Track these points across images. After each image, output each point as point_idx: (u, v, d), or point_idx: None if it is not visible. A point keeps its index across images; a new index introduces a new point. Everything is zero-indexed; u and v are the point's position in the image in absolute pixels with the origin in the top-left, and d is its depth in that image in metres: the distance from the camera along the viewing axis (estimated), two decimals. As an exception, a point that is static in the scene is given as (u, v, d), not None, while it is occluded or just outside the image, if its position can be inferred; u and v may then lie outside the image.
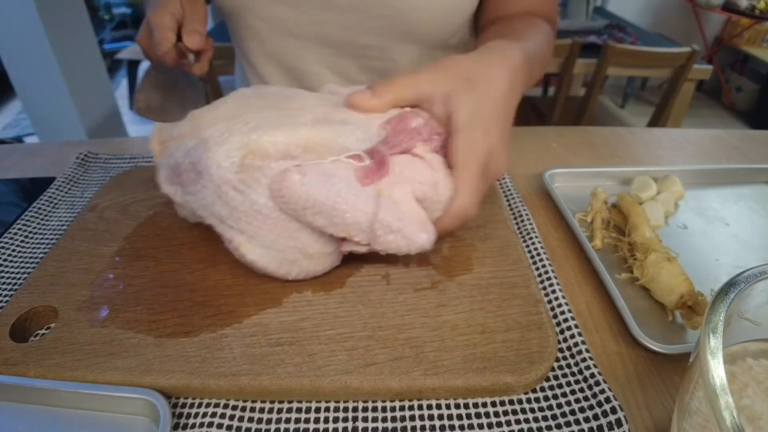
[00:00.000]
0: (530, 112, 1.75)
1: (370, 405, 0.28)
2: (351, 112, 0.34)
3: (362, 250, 0.33)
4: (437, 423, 0.27)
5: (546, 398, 0.28)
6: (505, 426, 0.27)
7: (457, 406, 0.28)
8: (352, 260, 0.36)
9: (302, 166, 0.31)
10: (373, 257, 0.36)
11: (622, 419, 0.26)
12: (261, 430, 0.27)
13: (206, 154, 0.31)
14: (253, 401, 0.28)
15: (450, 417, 0.27)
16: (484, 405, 0.28)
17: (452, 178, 0.34)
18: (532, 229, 0.40)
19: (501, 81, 0.35)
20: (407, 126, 0.34)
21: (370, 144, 0.33)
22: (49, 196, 0.45)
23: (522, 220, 0.42)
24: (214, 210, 0.32)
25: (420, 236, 0.32)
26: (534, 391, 0.29)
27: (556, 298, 0.34)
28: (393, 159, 0.33)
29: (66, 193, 0.46)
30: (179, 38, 0.40)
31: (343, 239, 0.33)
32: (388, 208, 0.31)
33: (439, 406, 0.28)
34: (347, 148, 0.33)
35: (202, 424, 0.26)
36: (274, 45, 0.53)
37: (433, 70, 0.35)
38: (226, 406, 0.27)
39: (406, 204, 0.32)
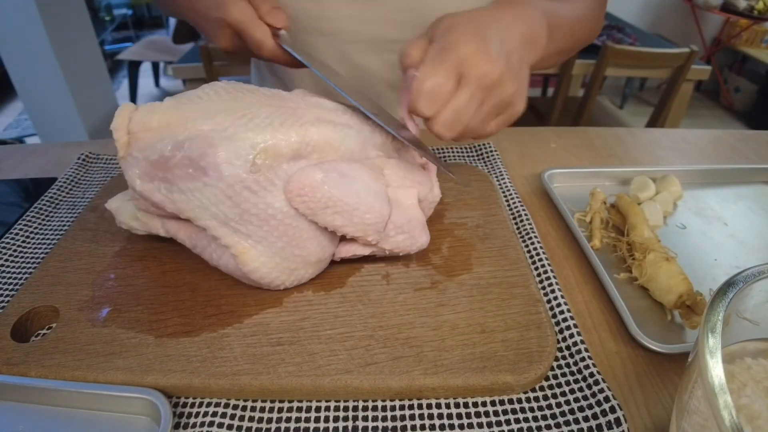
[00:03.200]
0: (529, 113, 1.75)
1: (370, 404, 0.28)
2: (349, 115, 0.35)
3: (365, 252, 0.34)
4: (437, 422, 0.27)
5: (545, 397, 0.28)
6: (504, 425, 0.27)
7: (457, 405, 0.28)
8: (351, 260, 0.36)
9: (322, 164, 0.31)
10: (373, 256, 0.36)
11: (621, 418, 0.26)
12: (261, 429, 0.27)
13: (212, 150, 0.29)
14: (253, 400, 0.28)
15: (449, 416, 0.27)
16: (484, 404, 0.28)
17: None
18: (531, 229, 0.40)
19: (504, 20, 0.35)
20: None
21: (370, 148, 0.35)
22: (51, 197, 0.45)
23: (521, 220, 0.42)
24: (218, 211, 0.30)
25: (423, 237, 0.35)
26: (533, 390, 0.29)
27: (555, 298, 0.34)
28: (395, 164, 0.35)
29: (67, 193, 0.46)
30: None
31: (348, 241, 0.34)
32: (399, 211, 0.33)
33: (438, 406, 0.28)
34: (353, 150, 0.33)
35: (203, 423, 0.26)
36: (301, 44, 0.52)
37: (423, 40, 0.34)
38: (227, 406, 0.27)
39: (412, 207, 0.34)
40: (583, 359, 0.29)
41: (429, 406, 0.28)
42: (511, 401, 0.28)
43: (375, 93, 0.55)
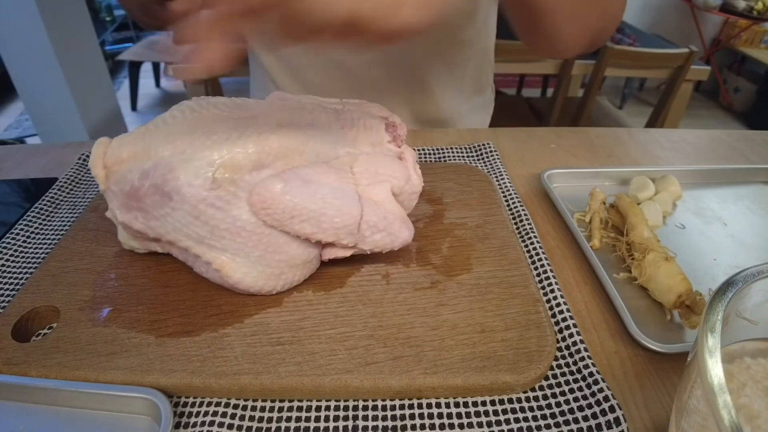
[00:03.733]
0: (529, 113, 1.75)
1: (370, 404, 0.28)
2: (315, 114, 0.34)
3: (347, 254, 0.33)
4: (437, 422, 0.27)
5: (545, 397, 0.28)
6: (504, 425, 0.27)
7: (457, 405, 0.28)
8: (351, 260, 0.36)
9: (282, 174, 0.30)
10: (372, 257, 0.36)
11: (621, 418, 0.26)
12: (262, 428, 0.27)
13: (172, 174, 0.29)
14: (254, 400, 0.28)
15: (449, 416, 0.27)
16: (483, 404, 0.28)
17: None
18: (531, 229, 0.41)
19: None
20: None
21: (340, 147, 0.34)
22: (51, 197, 0.45)
23: (521, 220, 0.42)
24: (191, 231, 0.30)
25: (404, 232, 0.34)
26: (533, 390, 0.29)
27: (555, 298, 0.34)
28: (365, 160, 0.34)
29: (68, 193, 0.46)
30: None
31: (328, 244, 0.33)
32: (371, 209, 0.32)
33: (438, 405, 0.28)
34: (318, 152, 0.33)
35: (203, 423, 0.26)
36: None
37: None
38: (227, 405, 0.28)
39: (387, 202, 0.33)
40: (582, 359, 0.29)
41: (429, 406, 0.28)
42: (510, 401, 0.28)
43: (356, 90, 0.56)
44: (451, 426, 0.27)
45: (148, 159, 0.31)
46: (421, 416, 0.27)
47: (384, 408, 0.28)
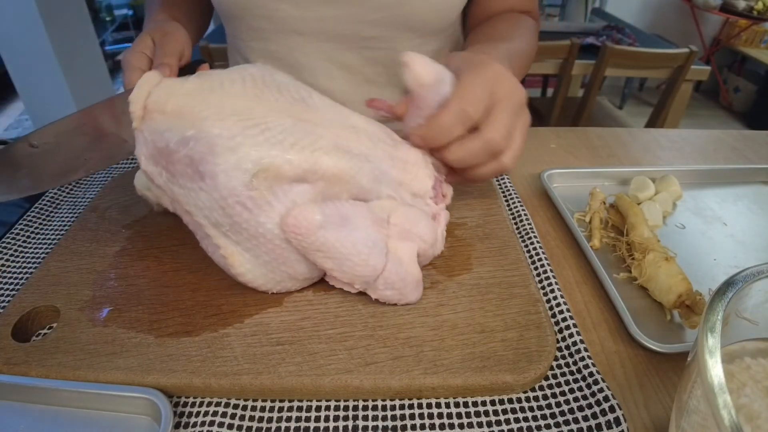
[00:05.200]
0: (529, 113, 1.75)
1: (370, 404, 0.28)
2: (372, 144, 0.33)
3: (351, 290, 0.33)
4: (437, 422, 0.27)
5: (545, 397, 0.28)
6: (504, 425, 0.27)
7: (457, 405, 0.28)
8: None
9: (324, 205, 0.30)
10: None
11: (621, 418, 0.26)
12: (262, 428, 0.27)
13: (213, 158, 0.28)
14: (254, 400, 0.28)
15: (449, 416, 0.27)
16: (483, 404, 0.28)
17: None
18: (531, 229, 0.41)
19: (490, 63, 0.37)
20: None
21: (384, 187, 0.33)
22: (51, 197, 0.45)
23: (521, 220, 0.42)
24: (210, 215, 0.30)
25: (412, 295, 0.33)
26: (533, 390, 0.29)
27: (555, 298, 0.34)
28: (403, 214, 0.33)
29: (68, 193, 0.46)
30: None
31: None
32: (393, 266, 0.31)
33: (438, 405, 0.28)
34: (362, 186, 0.32)
35: (203, 423, 0.26)
36: (278, 44, 0.53)
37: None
38: (227, 405, 0.28)
39: (409, 263, 0.32)
40: (582, 359, 0.29)
41: (429, 406, 0.28)
42: (510, 401, 0.28)
43: (355, 88, 0.56)
44: (451, 426, 0.27)
45: (192, 126, 0.29)
46: (421, 416, 0.27)
47: (384, 408, 0.28)
